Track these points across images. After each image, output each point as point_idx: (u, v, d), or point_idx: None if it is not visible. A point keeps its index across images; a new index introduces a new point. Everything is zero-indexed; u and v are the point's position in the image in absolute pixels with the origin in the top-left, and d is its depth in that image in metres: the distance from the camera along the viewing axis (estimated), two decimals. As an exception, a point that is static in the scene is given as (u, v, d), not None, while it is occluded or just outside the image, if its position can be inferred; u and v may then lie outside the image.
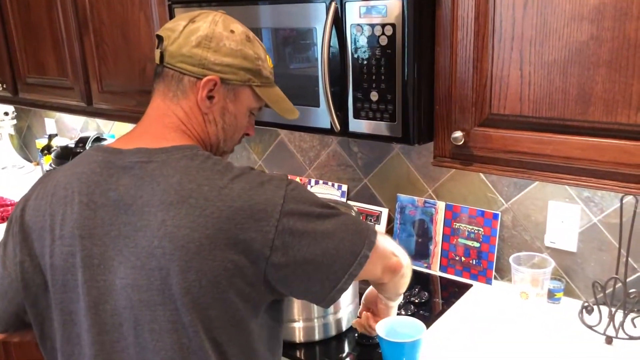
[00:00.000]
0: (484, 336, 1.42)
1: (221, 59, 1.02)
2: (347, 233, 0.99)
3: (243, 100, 1.08)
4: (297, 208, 0.95)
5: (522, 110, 1.19)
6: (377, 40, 1.26)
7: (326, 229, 0.97)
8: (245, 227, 0.91)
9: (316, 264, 0.96)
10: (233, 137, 1.11)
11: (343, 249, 0.98)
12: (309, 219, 0.96)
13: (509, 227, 1.65)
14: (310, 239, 0.95)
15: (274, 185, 0.96)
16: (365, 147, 1.89)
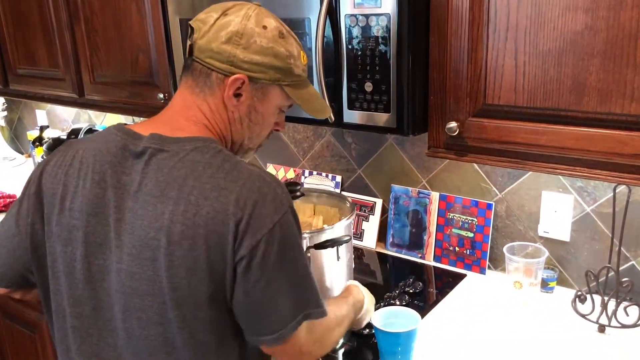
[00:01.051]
0: (478, 325, 1.42)
1: (251, 56, 1.00)
2: (295, 292, 0.97)
3: (272, 99, 1.06)
4: (281, 239, 0.93)
5: (517, 100, 1.19)
6: (372, 31, 1.26)
7: (289, 277, 0.96)
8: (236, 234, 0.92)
9: (263, 306, 0.95)
10: (260, 135, 1.10)
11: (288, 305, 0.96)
12: (283, 256, 0.94)
13: (503, 217, 1.66)
14: (269, 280, 0.93)
15: (274, 206, 0.93)
16: (359, 137, 1.89)
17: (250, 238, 0.91)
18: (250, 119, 1.06)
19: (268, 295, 0.94)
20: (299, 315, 0.96)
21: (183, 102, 1.04)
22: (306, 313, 0.97)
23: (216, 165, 0.95)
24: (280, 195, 0.95)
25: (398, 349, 1.21)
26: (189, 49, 1.02)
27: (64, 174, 1.02)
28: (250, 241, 0.91)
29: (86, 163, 1.00)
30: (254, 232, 0.91)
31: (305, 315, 0.97)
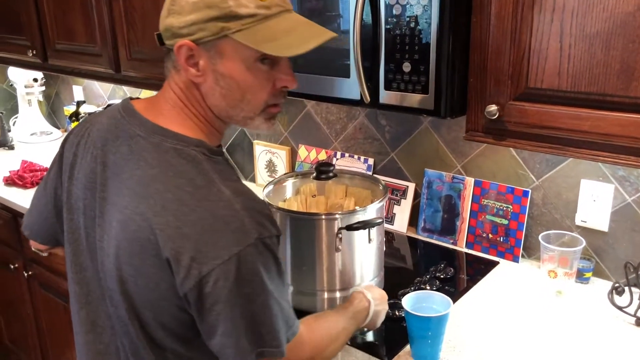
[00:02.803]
0: (509, 314, 1.40)
1: (185, 19, 0.90)
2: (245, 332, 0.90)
3: (231, 55, 0.91)
4: (237, 274, 0.87)
5: (560, 84, 1.15)
6: (412, 10, 1.23)
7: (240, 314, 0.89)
8: (180, 256, 0.87)
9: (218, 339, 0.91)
10: (245, 100, 0.96)
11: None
12: (237, 292, 0.88)
13: (539, 205, 1.62)
14: (220, 313, 0.89)
15: (235, 237, 0.87)
16: (393, 120, 1.87)
17: (202, 267, 0.86)
18: (220, 85, 0.94)
19: (221, 327, 0.90)
20: (251, 355, 0.91)
21: (165, 85, 1.00)
22: (259, 351, 0.91)
23: (188, 176, 0.91)
24: (247, 227, 0.88)
25: (428, 333, 1.20)
26: (158, 40, 0.98)
27: (76, 144, 1.05)
28: (202, 270, 0.86)
29: (92, 137, 1.02)
30: (206, 260, 0.86)
31: (259, 353, 0.91)
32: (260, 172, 2.30)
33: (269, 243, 0.90)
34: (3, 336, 2.79)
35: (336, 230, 1.33)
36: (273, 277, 0.92)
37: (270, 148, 2.24)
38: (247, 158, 2.37)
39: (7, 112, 3.14)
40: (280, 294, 0.94)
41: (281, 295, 0.95)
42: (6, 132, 2.99)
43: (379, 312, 1.27)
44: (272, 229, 0.92)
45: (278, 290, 0.93)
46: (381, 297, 1.29)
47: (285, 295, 0.97)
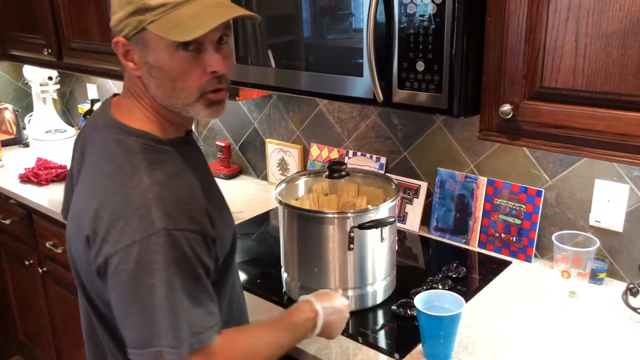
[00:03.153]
0: (522, 313, 1.40)
1: (115, 17, 0.97)
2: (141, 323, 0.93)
3: (154, 45, 0.96)
4: (137, 261, 0.90)
5: (575, 84, 1.15)
6: (426, 9, 1.23)
7: (140, 304, 0.92)
8: (95, 236, 0.95)
9: (119, 317, 0.96)
10: (177, 87, 0.98)
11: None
12: (137, 280, 0.91)
13: (552, 205, 1.61)
14: (120, 296, 0.94)
15: (140, 225, 0.91)
16: (406, 119, 1.86)
17: (109, 247, 0.92)
18: (152, 76, 0.98)
19: (120, 309, 0.94)
20: (146, 349, 0.92)
21: (125, 82, 1.07)
22: (156, 350, 0.92)
23: (118, 164, 0.98)
24: (154, 216, 0.91)
25: (440, 332, 1.20)
26: None
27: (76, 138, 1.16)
28: (107, 251, 0.92)
29: (83, 131, 1.14)
30: (113, 241, 0.92)
31: (156, 352, 0.92)
32: (272, 171, 2.31)
33: (178, 236, 0.92)
34: (18, 331, 2.82)
35: (348, 229, 1.33)
36: (181, 273, 0.92)
37: (283, 146, 2.25)
38: (259, 156, 2.38)
39: (22, 110, 3.17)
40: (192, 295, 0.94)
41: (193, 297, 0.94)
42: (21, 129, 3.02)
43: (333, 322, 1.19)
44: (187, 223, 0.94)
45: (188, 290, 0.93)
46: (336, 306, 1.20)
47: (200, 299, 0.95)
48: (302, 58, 1.53)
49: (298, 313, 1.14)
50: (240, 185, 2.37)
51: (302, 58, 1.53)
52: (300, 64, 1.53)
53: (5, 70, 3.25)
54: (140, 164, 0.97)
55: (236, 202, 2.17)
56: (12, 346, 2.91)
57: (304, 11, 1.48)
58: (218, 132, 2.50)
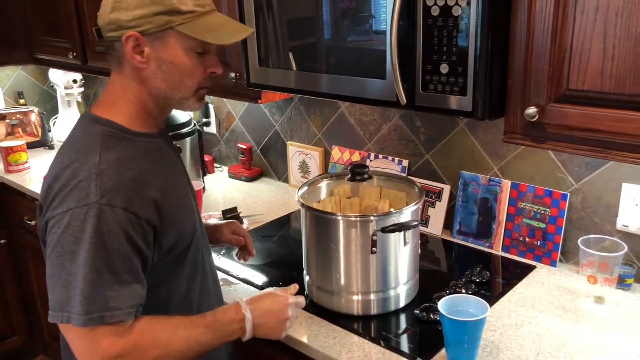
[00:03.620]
0: (547, 319, 1.38)
1: (132, 13, 1.05)
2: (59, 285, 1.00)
3: (174, 44, 1.08)
4: (66, 227, 0.99)
5: (603, 86, 1.13)
6: (450, 11, 1.22)
7: (61, 269, 1.00)
8: (45, 202, 1.06)
9: (47, 276, 1.04)
10: (184, 83, 1.11)
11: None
12: (63, 245, 1.00)
13: (578, 209, 1.59)
14: (49, 257, 1.03)
15: (77, 195, 1.00)
16: (428, 121, 1.85)
17: (50, 211, 1.03)
18: (162, 70, 1.09)
19: (48, 271, 1.03)
20: (58, 313, 1.00)
21: (109, 80, 1.15)
22: (66, 315, 0.99)
23: (78, 145, 1.09)
24: (91, 189, 1.00)
25: (465, 337, 1.19)
26: (96, 34, 1.12)
27: None
28: (48, 215, 1.03)
29: None
30: (53, 207, 1.02)
31: (65, 317, 0.99)
32: (294, 173, 2.31)
33: (109, 212, 1.00)
34: (43, 331, 2.86)
35: (371, 232, 1.32)
36: (106, 249, 0.99)
37: (304, 149, 2.25)
38: (280, 159, 2.39)
39: (47, 113, 3.22)
40: (114, 271, 1.00)
41: (115, 273, 1.00)
42: (46, 132, 3.06)
43: (265, 324, 1.18)
44: (122, 201, 1.01)
45: (111, 265, 1.00)
46: (269, 309, 1.20)
47: (123, 277, 1.01)
48: (323, 60, 1.53)
49: (222, 312, 1.16)
50: (261, 187, 2.37)
51: (323, 60, 1.53)
52: (322, 66, 1.53)
53: (31, 74, 3.31)
54: (97, 145, 1.06)
55: (257, 205, 2.17)
56: (38, 346, 2.96)
57: (325, 13, 1.48)
58: (240, 135, 2.51)
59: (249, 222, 1.99)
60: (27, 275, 2.79)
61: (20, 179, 2.58)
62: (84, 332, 0.99)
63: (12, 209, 2.70)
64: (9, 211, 2.71)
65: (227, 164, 2.60)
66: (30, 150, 2.82)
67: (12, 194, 2.64)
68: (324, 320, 1.40)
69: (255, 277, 1.64)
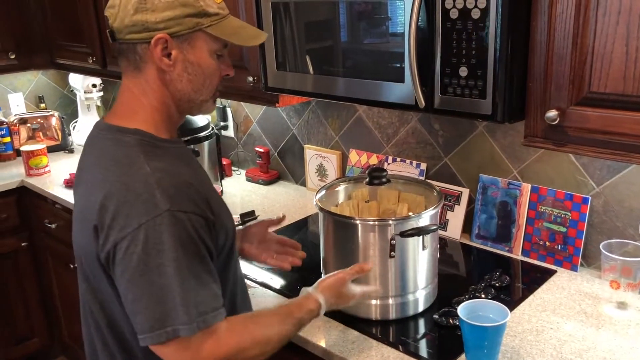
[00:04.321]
0: (568, 325, 1.36)
1: (161, 15, 1.03)
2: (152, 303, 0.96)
3: (201, 46, 1.08)
4: (145, 242, 0.95)
5: (626, 89, 1.11)
6: (469, 14, 1.21)
7: (149, 286, 0.96)
8: (102, 225, 1.00)
9: (130, 302, 0.99)
10: (205, 85, 1.11)
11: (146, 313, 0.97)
12: (146, 261, 0.95)
13: (599, 213, 1.57)
14: (130, 280, 0.98)
15: (145, 208, 0.96)
16: (447, 124, 1.84)
17: (116, 232, 0.97)
18: (188, 72, 1.08)
19: (130, 294, 0.98)
20: (160, 330, 0.95)
21: (122, 87, 1.12)
22: (171, 329, 0.95)
23: (116, 158, 1.04)
24: (157, 199, 0.97)
25: (485, 343, 1.17)
26: (110, 36, 1.08)
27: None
28: (115, 237, 0.97)
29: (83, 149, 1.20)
30: (120, 227, 0.97)
31: (171, 331, 0.95)
32: (311, 177, 2.31)
33: (182, 218, 0.97)
34: (63, 333, 2.89)
35: (390, 236, 1.32)
36: (187, 254, 0.97)
37: (321, 152, 2.25)
38: (297, 162, 2.39)
39: (67, 117, 3.26)
40: (197, 275, 0.99)
41: (198, 277, 0.99)
42: (66, 136, 3.10)
43: (335, 305, 1.24)
44: (189, 206, 0.99)
45: (194, 270, 0.98)
46: (339, 297, 1.24)
47: (205, 280, 1.00)
48: (340, 64, 1.53)
49: (308, 310, 1.17)
50: (278, 190, 2.38)
51: (340, 64, 1.53)
52: (339, 69, 1.53)
53: (51, 78, 3.35)
54: (138, 155, 1.03)
55: (275, 208, 2.18)
56: (58, 347, 2.99)
57: (342, 16, 1.48)
58: (257, 138, 2.52)
59: (266, 225, 1.99)
60: (48, 278, 2.82)
61: (40, 183, 2.61)
62: (189, 342, 0.97)
63: (33, 212, 2.73)
64: (30, 214, 2.75)
65: (245, 168, 2.61)
66: (51, 154, 2.85)
67: (33, 197, 2.67)
68: (342, 324, 1.40)
69: (272, 281, 1.64)
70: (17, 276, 2.78)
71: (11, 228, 2.72)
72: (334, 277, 1.25)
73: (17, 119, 2.99)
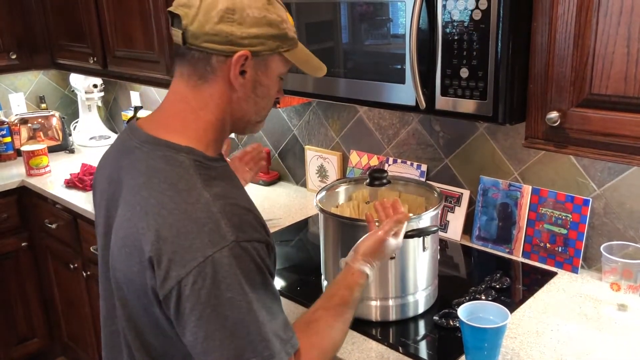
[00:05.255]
0: (568, 327, 1.36)
1: (247, 31, 0.96)
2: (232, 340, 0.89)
3: (274, 69, 1.03)
4: (213, 276, 0.88)
5: (627, 90, 1.11)
6: (470, 15, 1.21)
7: (223, 320, 0.89)
8: (159, 258, 0.90)
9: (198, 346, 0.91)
10: (267, 107, 1.08)
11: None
12: (217, 296, 0.88)
13: (600, 215, 1.57)
14: (201, 318, 0.89)
15: (210, 239, 0.89)
16: (448, 125, 1.84)
17: (179, 269, 0.88)
18: (256, 94, 1.03)
19: (202, 332, 0.89)
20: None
21: (175, 96, 1.03)
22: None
23: (171, 181, 0.94)
24: (223, 229, 0.89)
25: (485, 344, 1.17)
26: (182, 38, 0.97)
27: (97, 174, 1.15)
28: (179, 272, 0.88)
29: (103, 161, 1.13)
30: (183, 262, 0.88)
31: None
32: (312, 178, 2.31)
33: (248, 248, 0.91)
34: (63, 333, 2.89)
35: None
36: (256, 285, 0.91)
37: (322, 153, 2.25)
38: (298, 163, 2.39)
39: (68, 117, 3.26)
40: (268, 305, 0.93)
41: (268, 307, 0.93)
42: (67, 136, 3.10)
43: (376, 266, 1.18)
44: (253, 234, 0.93)
45: (263, 299, 0.92)
46: (382, 258, 1.20)
47: (274, 308, 0.95)
48: (341, 65, 1.52)
49: (358, 287, 1.12)
50: (279, 191, 2.38)
51: (341, 65, 1.52)
52: (340, 70, 1.52)
53: (52, 79, 3.36)
54: (195, 180, 0.94)
55: (275, 209, 2.18)
56: (57, 348, 2.99)
57: (343, 17, 1.48)
58: (258, 139, 2.52)
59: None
60: (48, 278, 2.82)
61: (41, 183, 2.62)
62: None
63: (33, 212, 2.74)
64: (30, 214, 2.75)
65: (245, 168, 2.60)
66: (51, 154, 2.85)
67: (33, 197, 2.67)
68: (342, 325, 1.40)
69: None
70: (18, 276, 2.78)
71: (12, 228, 2.72)
72: (372, 239, 1.19)
73: (18, 119, 3.00)
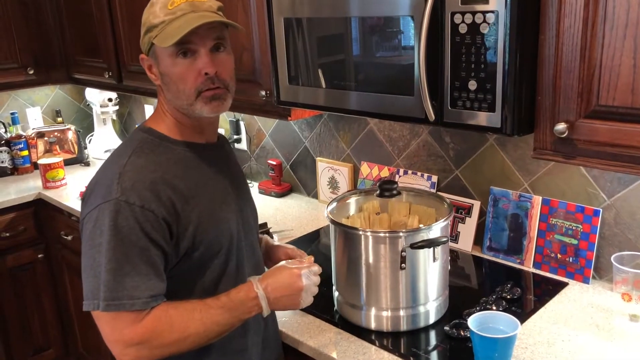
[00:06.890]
0: (579, 337, 1.36)
1: (141, 39, 1.19)
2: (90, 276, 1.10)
3: (161, 57, 1.16)
4: (95, 222, 1.09)
5: (634, 101, 1.12)
6: (478, 28, 1.23)
7: (91, 260, 1.09)
8: (83, 199, 1.18)
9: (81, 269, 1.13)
10: (180, 89, 1.16)
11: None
12: (92, 238, 1.09)
13: (611, 225, 1.57)
14: (82, 252, 1.12)
15: (103, 193, 1.10)
16: (457, 137, 1.85)
17: (84, 209, 1.14)
18: (165, 82, 1.18)
19: (82, 262, 1.12)
20: (91, 300, 1.08)
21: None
22: (97, 302, 1.07)
23: (118, 151, 1.21)
24: (114, 187, 1.09)
25: (495, 354, 1.18)
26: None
27: None
28: (83, 212, 1.14)
29: None
30: (87, 205, 1.13)
31: (96, 304, 1.07)
32: (323, 189, 2.33)
33: (124, 208, 1.07)
34: (78, 344, 2.92)
35: (400, 248, 1.33)
36: (124, 241, 1.07)
37: (333, 165, 2.27)
38: (309, 175, 2.41)
39: (83, 131, 3.32)
40: (133, 263, 1.07)
41: (134, 264, 1.07)
42: (82, 149, 3.15)
43: (281, 298, 1.20)
44: (135, 199, 1.08)
45: (130, 257, 1.07)
46: (282, 282, 1.20)
47: (142, 269, 1.08)
48: (352, 78, 1.55)
49: (236, 292, 1.18)
50: (291, 203, 2.40)
51: (352, 78, 1.55)
52: (350, 84, 1.55)
53: (68, 93, 3.42)
54: (129, 150, 1.16)
55: (287, 220, 2.20)
56: (72, 358, 3.02)
57: (353, 30, 1.50)
58: (270, 151, 2.55)
59: (278, 237, 2.01)
60: (64, 290, 2.86)
61: (57, 195, 2.66)
62: (108, 318, 1.08)
63: (49, 225, 2.78)
64: (46, 226, 2.80)
65: (258, 180, 2.63)
66: (67, 167, 2.90)
67: (49, 209, 2.72)
68: (353, 336, 1.41)
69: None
70: (34, 287, 2.82)
71: (28, 240, 2.77)
72: (282, 269, 1.24)
73: (35, 133, 3.05)
